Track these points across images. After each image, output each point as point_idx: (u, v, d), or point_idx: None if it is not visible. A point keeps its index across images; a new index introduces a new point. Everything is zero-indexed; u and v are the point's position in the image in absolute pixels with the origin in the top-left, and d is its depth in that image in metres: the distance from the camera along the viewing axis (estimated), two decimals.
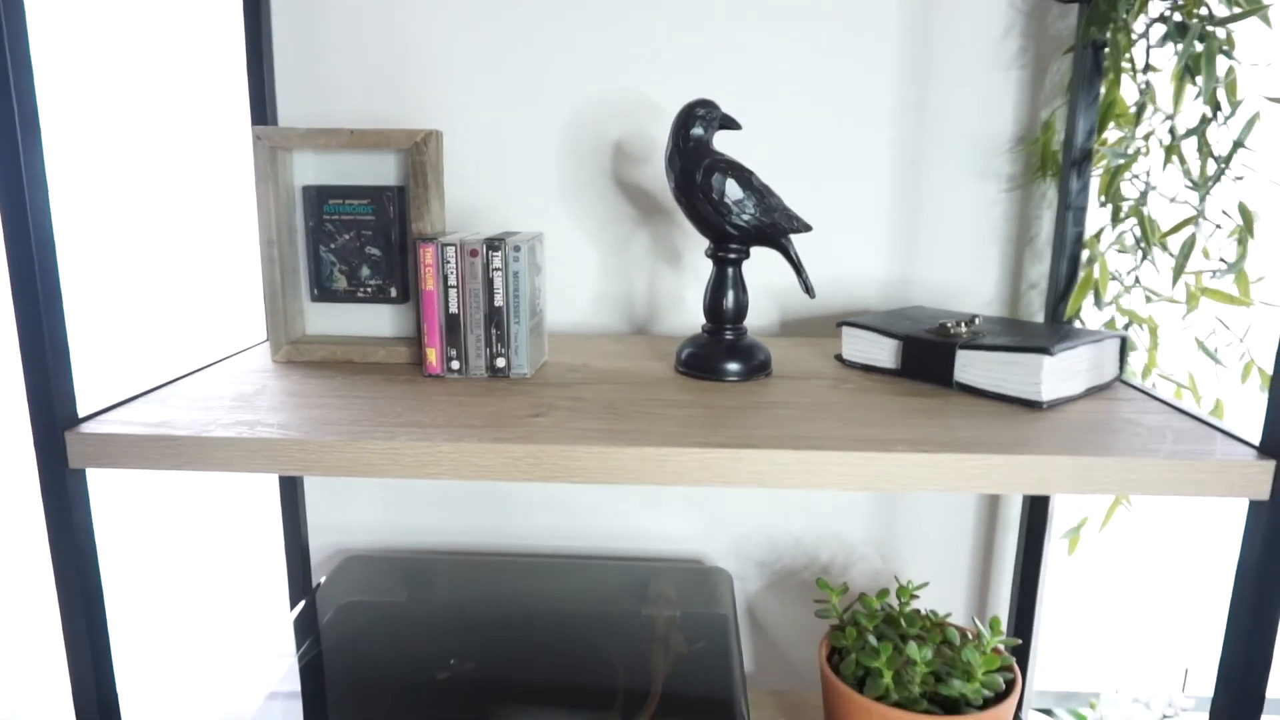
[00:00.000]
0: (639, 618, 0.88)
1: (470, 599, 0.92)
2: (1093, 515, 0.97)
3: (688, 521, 1.03)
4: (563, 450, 0.57)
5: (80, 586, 0.61)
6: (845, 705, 0.77)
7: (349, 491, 1.04)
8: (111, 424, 0.61)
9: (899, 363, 0.75)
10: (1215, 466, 0.56)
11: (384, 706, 0.74)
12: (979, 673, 0.75)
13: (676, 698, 0.75)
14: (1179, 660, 1.10)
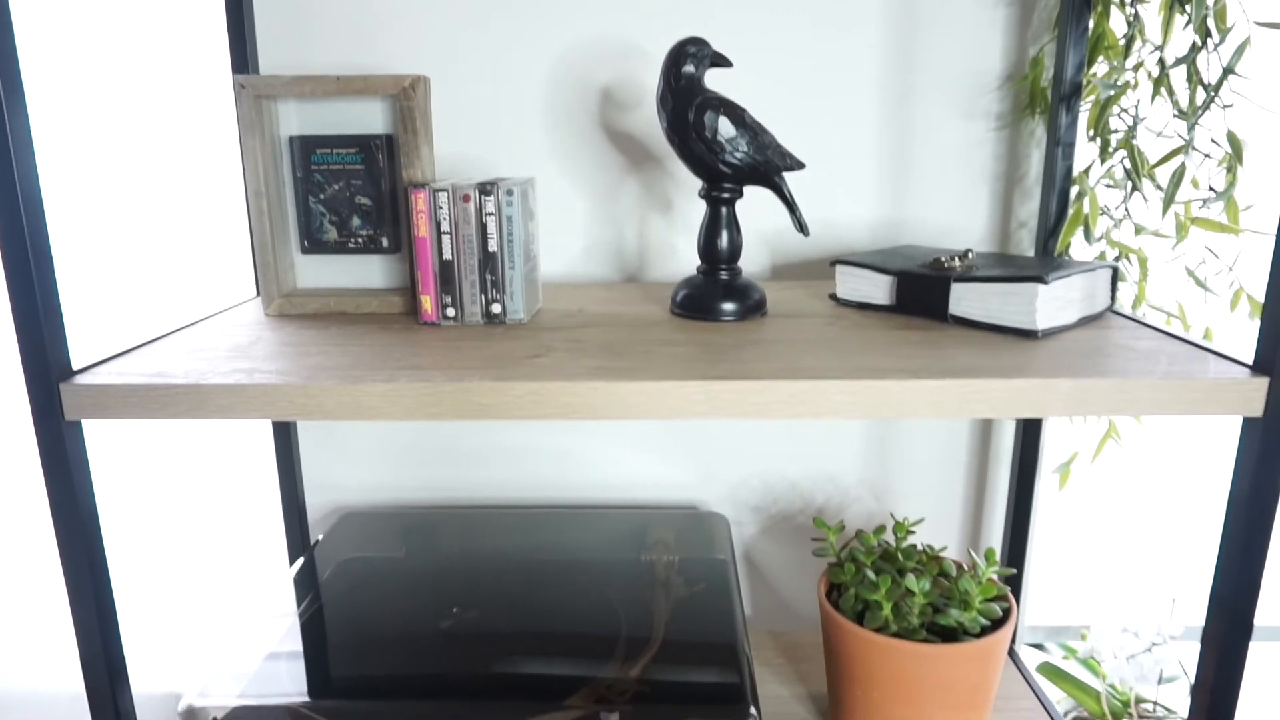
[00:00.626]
0: (638, 564, 0.89)
1: (469, 551, 0.93)
2: (1083, 450, 0.99)
3: (683, 469, 1.04)
4: (564, 387, 0.57)
5: (82, 542, 0.61)
6: (845, 638, 0.78)
7: (344, 449, 1.04)
8: (106, 376, 0.60)
9: (894, 299, 0.76)
10: (1209, 385, 0.57)
11: (389, 657, 0.75)
12: (976, 601, 0.76)
13: (679, 640, 0.76)
14: (1166, 591, 1.13)
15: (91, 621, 0.63)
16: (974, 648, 0.74)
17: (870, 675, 0.77)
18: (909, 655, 0.74)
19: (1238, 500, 0.60)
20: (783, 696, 0.91)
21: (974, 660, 0.75)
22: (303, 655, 0.76)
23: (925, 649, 0.74)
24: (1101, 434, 0.95)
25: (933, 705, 0.76)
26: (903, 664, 0.75)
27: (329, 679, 0.73)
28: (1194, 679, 0.66)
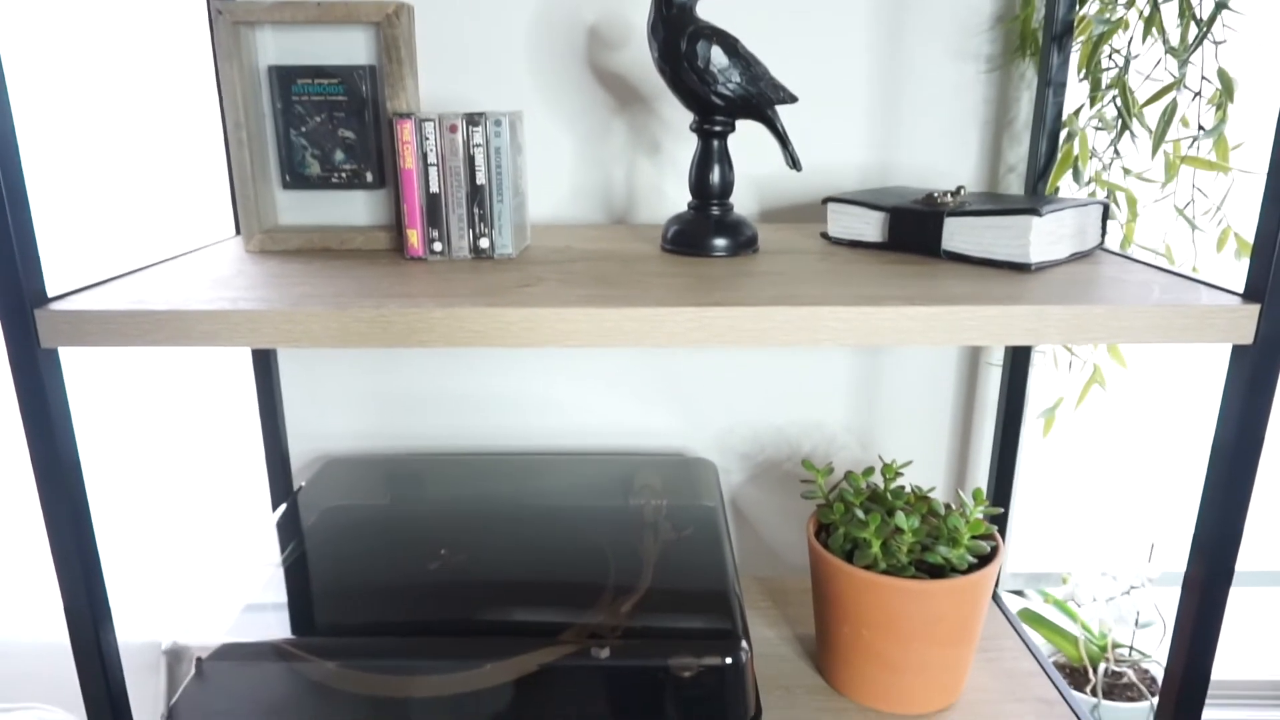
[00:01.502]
0: (626, 508, 0.89)
1: (456, 497, 0.92)
2: (1068, 396, 0.99)
3: (670, 416, 1.03)
4: (556, 313, 0.57)
5: (60, 473, 0.59)
6: (834, 576, 0.78)
7: (328, 397, 1.03)
8: (83, 303, 0.58)
9: (886, 236, 0.75)
10: (1201, 312, 0.57)
11: (375, 598, 0.74)
12: (964, 538, 0.77)
13: (669, 580, 0.76)
14: (1146, 538, 1.14)
15: (71, 556, 0.61)
16: (962, 583, 0.75)
17: (859, 613, 0.78)
18: (898, 591, 0.75)
19: (1224, 434, 0.60)
20: (770, 639, 0.92)
21: (962, 596, 0.75)
22: (287, 597, 0.75)
23: (914, 585, 0.74)
24: (1086, 379, 0.96)
25: (921, 641, 0.76)
26: (892, 600, 0.75)
27: (314, 620, 0.72)
28: (1174, 623, 0.67)
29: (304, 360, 1.01)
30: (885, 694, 0.80)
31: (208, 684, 0.68)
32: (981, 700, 0.82)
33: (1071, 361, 0.98)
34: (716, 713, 0.67)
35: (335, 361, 1.01)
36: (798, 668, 0.87)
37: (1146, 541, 1.14)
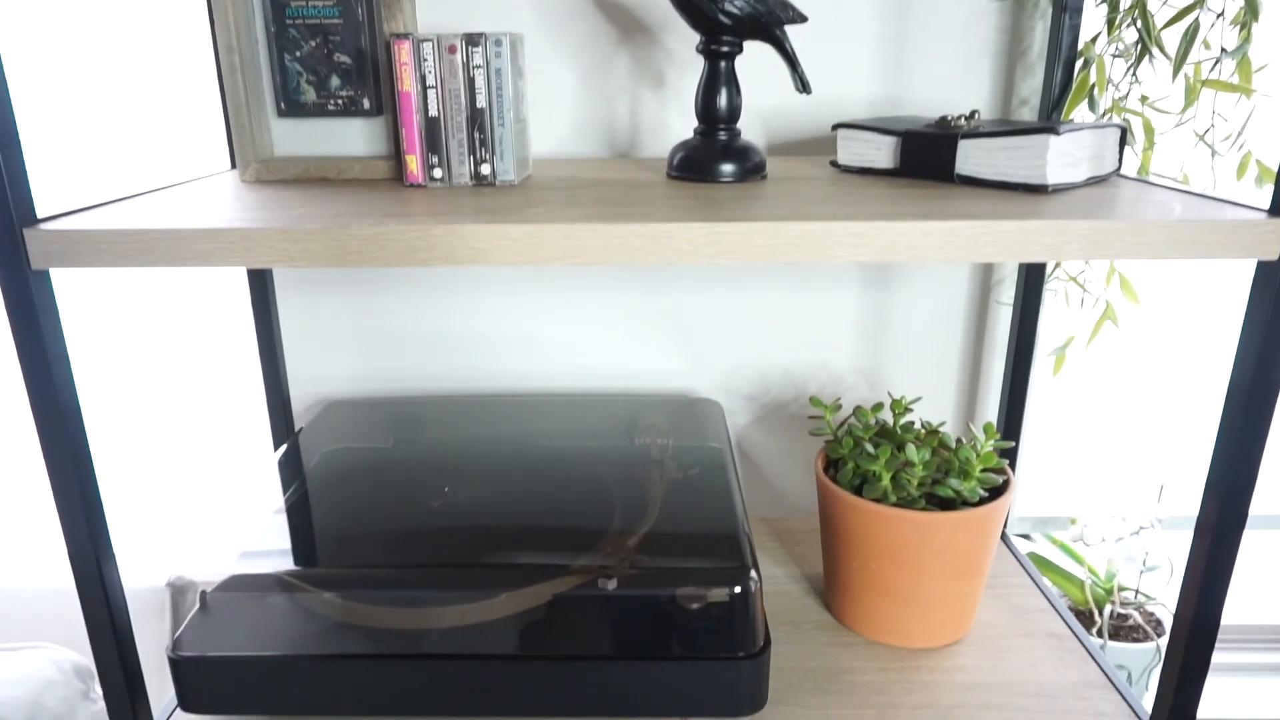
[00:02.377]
0: (631, 447, 0.87)
1: (459, 439, 0.91)
2: (1079, 335, 0.98)
3: (674, 358, 1.02)
4: (562, 229, 0.55)
5: (55, 401, 0.58)
6: (843, 511, 0.77)
7: (328, 340, 1.01)
8: (74, 224, 0.57)
9: (897, 162, 0.73)
10: (1225, 227, 0.55)
11: (378, 534, 0.73)
12: (976, 470, 0.76)
13: (676, 515, 0.75)
14: (1155, 480, 1.13)
15: (69, 481, 0.60)
16: (973, 515, 0.74)
17: (869, 546, 0.77)
18: (908, 524, 0.74)
19: (1244, 361, 0.59)
20: (777, 577, 0.91)
21: (973, 528, 0.74)
22: (289, 533, 0.74)
23: (925, 517, 0.73)
24: (1098, 316, 0.94)
25: (931, 575, 0.76)
26: (902, 533, 0.74)
27: (318, 554, 0.72)
28: (1185, 567, 0.66)
29: (304, 302, 1.00)
30: (894, 628, 0.79)
31: (212, 617, 0.68)
32: (990, 635, 0.82)
33: (1083, 299, 0.96)
34: (725, 643, 0.66)
35: (335, 304, 1.00)
36: (805, 604, 0.86)
37: (1156, 483, 1.14)
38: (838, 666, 0.78)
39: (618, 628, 0.67)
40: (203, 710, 0.69)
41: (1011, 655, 0.79)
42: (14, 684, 0.80)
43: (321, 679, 0.67)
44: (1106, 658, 0.80)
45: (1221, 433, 0.62)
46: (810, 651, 0.80)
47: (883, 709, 0.72)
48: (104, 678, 0.67)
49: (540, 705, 0.68)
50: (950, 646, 0.80)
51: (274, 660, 0.67)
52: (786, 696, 0.74)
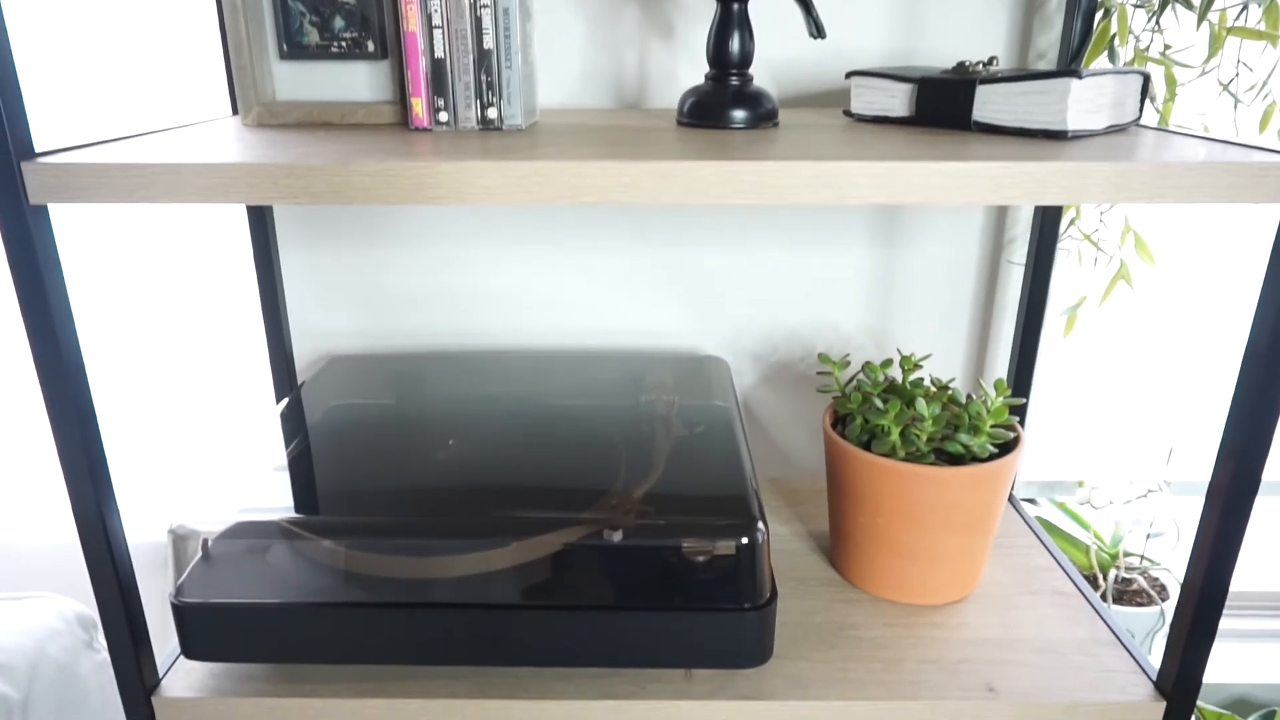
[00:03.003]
0: (638, 404, 0.87)
1: (462, 394, 0.90)
2: (1092, 295, 0.97)
3: (680, 317, 1.01)
4: (570, 167, 0.54)
5: (54, 339, 0.57)
6: (851, 466, 0.77)
7: (331, 296, 1.00)
8: (73, 159, 0.55)
9: (913, 109, 0.72)
10: (1252, 170, 0.54)
11: (382, 486, 0.73)
12: (986, 425, 0.75)
13: (683, 468, 0.74)
14: (1164, 444, 1.13)
15: (70, 422, 0.59)
16: (982, 471, 0.73)
17: (876, 502, 0.76)
18: (917, 479, 0.73)
19: (1264, 317, 0.58)
20: (783, 535, 0.91)
21: (982, 484, 0.74)
22: (291, 483, 0.73)
23: (935, 471, 0.73)
24: (1112, 275, 0.93)
25: (938, 530, 0.75)
26: (910, 488, 0.74)
27: (320, 503, 0.71)
28: (1195, 532, 0.66)
29: (306, 256, 0.98)
30: (900, 585, 0.79)
31: (215, 564, 0.67)
32: (996, 593, 0.81)
33: (1097, 258, 0.95)
34: (732, 594, 0.66)
35: (338, 258, 0.99)
36: (811, 562, 0.86)
37: (1165, 448, 1.13)
38: (843, 622, 0.77)
39: (624, 579, 0.67)
40: (206, 657, 0.68)
41: (1018, 612, 0.78)
42: (17, 632, 0.80)
43: (325, 627, 0.67)
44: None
45: (1237, 394, 0.61)
46: (816, 607, 0.79)
47: (888, 663, 0.72)
48: (107, 625, 0.66)
49: (545, 655, 0.68)
50: (956, 603, 0.80)
51: (277, 608, 0.67)
52: (791, 650, 0.73)
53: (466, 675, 0.70)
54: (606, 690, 0.69)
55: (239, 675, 0.70)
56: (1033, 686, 0.70)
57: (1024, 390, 0.96)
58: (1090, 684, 0.70)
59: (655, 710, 0.68)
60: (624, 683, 0.70)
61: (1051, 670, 0.71)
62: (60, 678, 0.80)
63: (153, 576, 0.84)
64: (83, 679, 0.83)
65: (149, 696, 0.68)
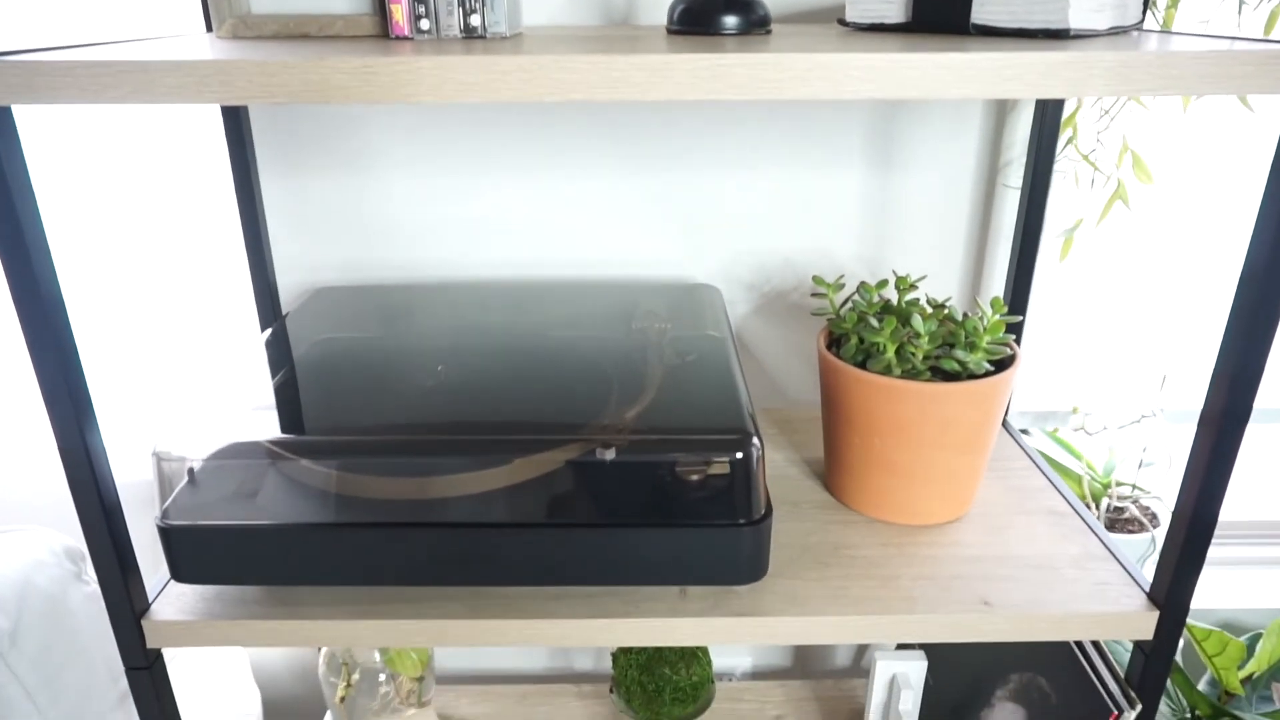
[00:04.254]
0: (629, 332, 0.85)
1: (449, 324, 0.89)
2: (1089, 218, 0.95)
3: (670, 245, 0.99)
4: (557, 62, 0.52)
5: (28, 260, 0.55)
6: (846, 385, 0.76)
7: (315, 227, 0.98)
8: (37, 57, 0.53)
9: (909, 15, 0.70)
10: (1260, 58, 0.52)
11: (370, 411, 0.71)
12: (983, 341, 0.74)
13: (677, 388, 0.73)
14: (1159, 371, 1.12)
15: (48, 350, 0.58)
16: (979, 386, 0.72)
17: (871, 422, 0.75)
18: (913, 395, 0.72)
19: (1261, 237, 0.56)
20: (777, 461, 0.90)
21: (978, 400, 0.73)
22: (277, 405, 0.72)
23: (930, 388, 0.72)
24: (1109, 195, 0.92)
25: (934, 448, 0.74)
26: (906, 405, 0.73)
27: (307, 426, 0.70)
28: (1187, 459, 0.65)
29: (289, 187, 0.96)
30: (895, 505, 0.79)
31: (202, 487, 0.66)
32: (991, 512, 0.81)
33: (1094, 179, 0.94)
34: (726, 510, 0.65)
35: (322, 189, 0.96)
36: (806, 486, 0.85)
37: (1160, 374, 1.12)
38: (838, 542, 0.77)
39: (617, 496, 0.66)
40: (195, 580, 0.68)
41: (1012, 531, 0.78)
42: (2, 563, 0.79)
43: (315, 548, 0.66)
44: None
45: (1232, 318, 0.60)
46: (810, 529, 0.79)
47: (883, 580, 0.72)
48: (93, 548, 0.65)
49: (538, 574, 0.67)
50: (951, 523, 0.79)
51: (267, 529, 0.66)
52: (786, 569, 0.73)
53: (459, 596, 0.70)
54: (600, 609, 0.69)
55: (230, 599, 0.70)
56: (1027, 599, 0.70)
57: (1019, 312, 0.95)
58: (1084, 596, 0.70)
59: (649, 627, 0.68)
60: (618, 602, 0.69)
61: (1046, 584, 0.71)
62: (49, 608, 0.80)
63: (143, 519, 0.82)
64: (72, 611, 0.82)
65: (138, 621, 0.67)
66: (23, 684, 0.77)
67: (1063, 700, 0.78)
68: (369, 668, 1.04)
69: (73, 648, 0.82)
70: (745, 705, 1.14)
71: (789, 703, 1.14)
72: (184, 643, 0.68)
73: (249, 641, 0.68)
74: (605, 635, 0.68)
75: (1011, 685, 0.86)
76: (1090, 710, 0.74)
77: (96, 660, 0.84)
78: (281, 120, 0.93)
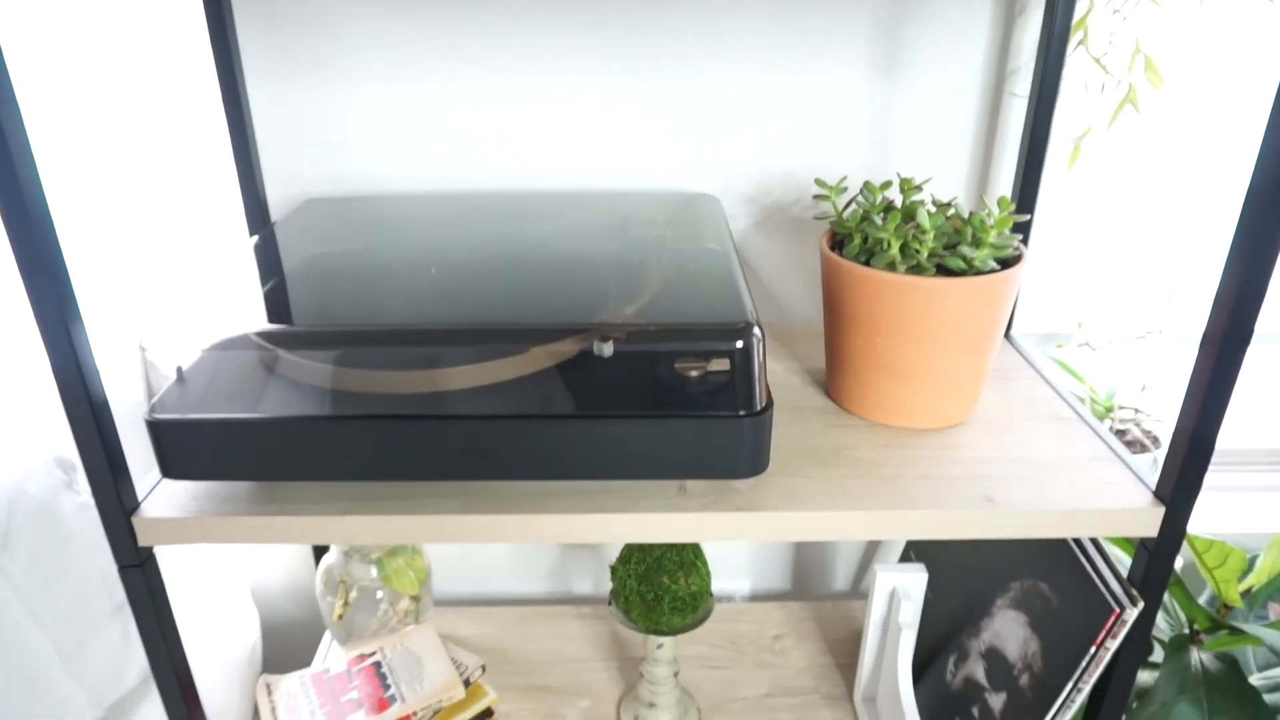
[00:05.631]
0: (626, 239, 0.83)
1: (444, 232, 0.87)
2: (1097, 125, 0.93)
3: (668, 156, 0.97)
4: None
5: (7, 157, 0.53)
6: (849, 284, 0.74)
7: (305, 137, 0.95)
8: None
9: None
10: None
11: (361, 310, 0.70)
12: (989, 237, 0.72)
13: (677, 285, 0.72)
14: (1165, 289, 1.11)
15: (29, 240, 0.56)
16: (985, 282, 0.71)
17: (874, 321, 0.74)
18: (918, 291, 0.71)
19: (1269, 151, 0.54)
20: (777, 371, 0.89)
21: (984, 296, 0.71)
22: (266, 305, 0.70)
23: (935, 282, 0.70)
24: (1120, 100, 0.89)
25: (938, 346, 0.73)
26: (910, 302, 0.71)
27: (297, 321, 0.68)
28: (1189, 379, 0.64)
29: (276, 95, 0.93)
30: (897, 409, 0.77)
31: (192, 379, 0.65)
32: (995, 418, 0.80)
33: (1104, 84, 0.91)
34: (727, 400, 0.64)
35: (310, 97, 0.93)
36: (807, 393, 0.84)
37: (1166, 291, 1.11)
38: (840, 444, 0.76)
39: (616, 389, 0.64)
40: (186, 475, 0.66)
41: (1016, 435, 0.77)
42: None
43: (308, 442, 0.65)
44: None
45: (1237, 236, 0.58)
46: (812, 432, 0.78)
47: (885, 479, 0.71)
48: (81, 445, 0.64)
49: (534, 468, 0.66)
50: (953, 428, 0.78)
51: (258, 423, 0.64)
52: (788, 468, 0.72)
53: (454, 492, 0.69)
54: (598, 506, 0.67)
55: (221, 496, 0.69)
56: (1032, 497, 0.69)
57: (1024, 231, 0.93)
58: (1090, 494, 0.69)
59: (648, 523, 0.67)
60: (615, 498, 0.68)
61: (1051, 483, 0.70)
62: (40, 513, 0.79)
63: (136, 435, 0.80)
64: (64, 519, 0.81)
65: (128, 518, 0.66)
66: (15, 587, 0.76)
67: (1064, 603, 0.78)
68: (366, 586, 1.04)
69: (65, 556, 0.81)
70: (744, 625, 1.14)
71: (788, 623, 1.14)
72: (175, 540, 0.67)
73: (241, 538, 0.67)
74: (604, 531, 0.67)
75: (1012, 593, 0.85)
76: (1092, 610, 0.73)
77: (90, 571, 0.83)
78: (265, 15, 0.90)
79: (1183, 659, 0.94)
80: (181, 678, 0.74)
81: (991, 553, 0.91)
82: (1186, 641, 0.97)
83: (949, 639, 0.94)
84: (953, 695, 0.91)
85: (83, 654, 0.82)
